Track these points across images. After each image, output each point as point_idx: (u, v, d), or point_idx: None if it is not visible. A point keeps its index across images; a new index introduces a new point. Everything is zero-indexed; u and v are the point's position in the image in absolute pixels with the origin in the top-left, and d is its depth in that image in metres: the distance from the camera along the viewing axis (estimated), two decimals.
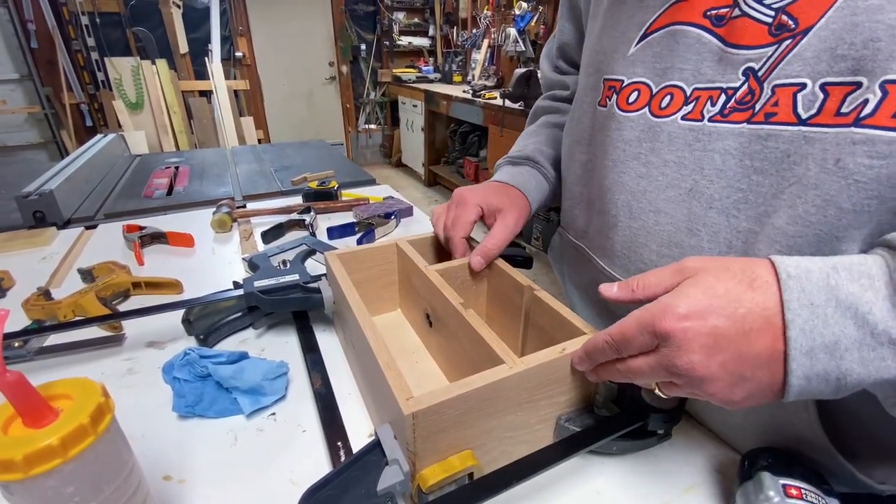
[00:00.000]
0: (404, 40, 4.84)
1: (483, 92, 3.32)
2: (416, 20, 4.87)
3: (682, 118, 0.40)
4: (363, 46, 4.71)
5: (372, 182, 1.33)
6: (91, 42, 3.42)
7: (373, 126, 5.11)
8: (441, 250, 0.61)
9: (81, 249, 0.89)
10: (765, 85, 0.35)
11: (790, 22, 0.33)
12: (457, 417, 0.35)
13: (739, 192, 0.37)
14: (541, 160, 0.64)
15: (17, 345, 0.55)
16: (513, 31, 3.31)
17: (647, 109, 0.43)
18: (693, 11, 0.39)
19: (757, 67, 0.35)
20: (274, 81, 4.47)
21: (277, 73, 4.46)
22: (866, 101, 0.29)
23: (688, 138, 0.39)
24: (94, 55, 3.44)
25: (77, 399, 0.29)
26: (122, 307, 0.69)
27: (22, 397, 0.27)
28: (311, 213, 0.95)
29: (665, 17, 0.41)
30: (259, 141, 3.90)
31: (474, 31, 4.13)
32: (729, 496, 0.39)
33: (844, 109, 0.31)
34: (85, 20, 3.38)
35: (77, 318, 0.63)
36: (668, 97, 0.41)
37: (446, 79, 4.43)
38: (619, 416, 0.41)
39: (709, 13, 0.38)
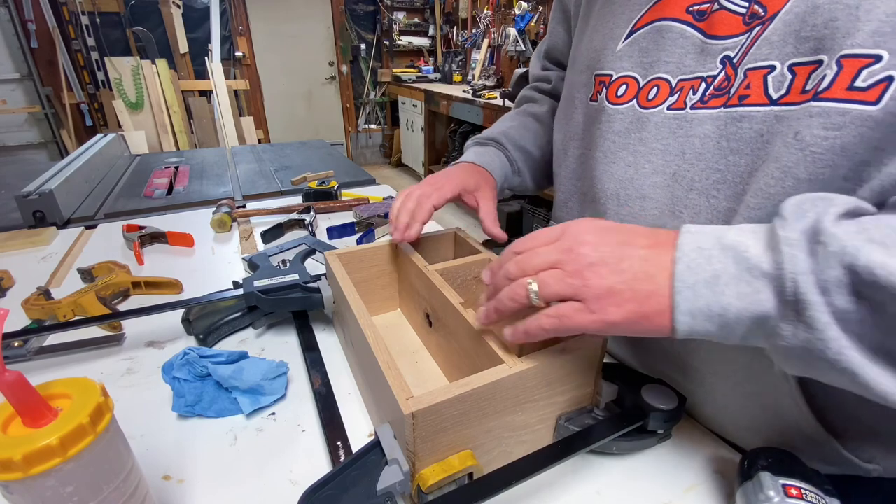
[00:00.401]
0: (404, 40, 4.84)
1: (483, 92, 3.32)
2: (416, 20, 4.87)
3: (668, 108, 0.42)
4: (363, 46, 4.71)
5: (372, 182, 1.33)
6: (91, 42, 3.42)
7: (373, 126, 5.11)
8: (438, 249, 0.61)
9: (81, 249, 0.89)
10: (739, 70, 0.37)
11: (760, 10, 0.36)
12: (456, 417, 0.35)
13: (718, 173, 0.38)
14: (505, 142, 0.68)
15: (16, 344, 0.55)
16: (513, 31, 3.32)
17: (635, 102, 0.45)
18: (676, 8, 0.42)
19: (732, 55, 0.37)
20: (274, 81, 4.47)
21: (277, 73, 4.46)
22: (824, 77, 0.31)
23: (672, 126, 0.41)
24: (94, 55, 3.44)
25: (76, 399, 0.29)
26: (122, 307, 0.69)
27: (21, 397, 0.27)
28: (311, 213, 0.95)
29: (650, 13, 0.44)
30: (259, 141, 3.90)
31: (474, 30, 4.13)
32: (729, 496, 0.39)
33: (808, 87, 0.32)
34: (85, 20, 3.38)
35: (77, 318, 0.63)
36: (654, 89, 0.43)
37: (446, 79, 4.43)
38: (618, 416, 0.41)
39: (691, 9, 0.41)
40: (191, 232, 0.88)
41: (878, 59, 0.29)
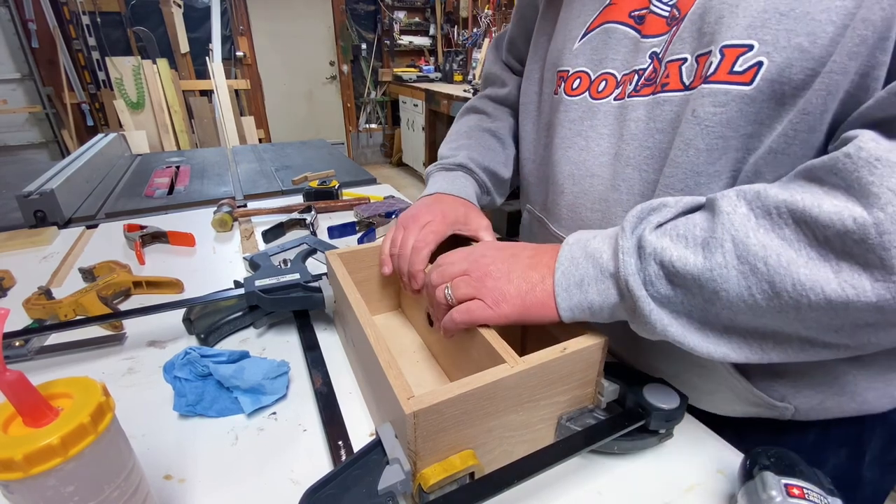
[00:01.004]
0: (405, 39, 4.83)
1: None
2: (416, 19, 4.86)
3: (615, 99, 0.47)
4: (364, 46, 4.71)
5: (373, 181, 1.33)
6: (92, 41, 3.42)
7: (373, 125, 5.11)
8: (440, 249, 0.61)
9: (82, 249, 0.89)
10: (662, 63, 0.43)
11: (676, 12, 0.42)
12: (458, 417, 0.35)
13: (647, 150, 0.44)
14: (472, 167, 0.66)
15: (17, 344, 0.56)
16: None
17: (587, 94, 0.50)
18: (620, 12, 0.47)
19: (658, 51, 0.43)
20: (274, 81, 4.47)
21: (278, 73, 4.46)
22: (711, 63, 0.37)
23: (615, 114, 0.47)
24: (95, 55, 3.44)
25: (77, 398, 0.29)
26: (123, 306, 0.69)
27: (22, 396, 0.27)
28: (312, 213, 0.95)
29: (600, 17, 0.49)
30: (260, 140, 3.90)
31: (475, 30, 4.13)
32: (730, 496, 0.39)
33: (704, 72, 0.38)
34: (86, 20, 3.38)
35: (78, 318, 0.63)
36: (603, 83, 0.49)
37: (447, 78, 4.42)
38: (620, 415, 0.41)
39: (633, 14, 0.46)
40: (192, 231, 0.88)
41: (750, 47, 0.35)
